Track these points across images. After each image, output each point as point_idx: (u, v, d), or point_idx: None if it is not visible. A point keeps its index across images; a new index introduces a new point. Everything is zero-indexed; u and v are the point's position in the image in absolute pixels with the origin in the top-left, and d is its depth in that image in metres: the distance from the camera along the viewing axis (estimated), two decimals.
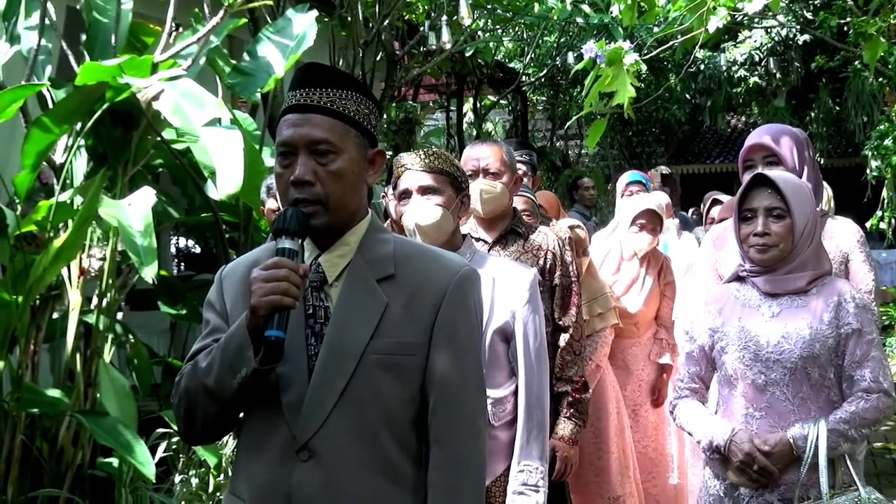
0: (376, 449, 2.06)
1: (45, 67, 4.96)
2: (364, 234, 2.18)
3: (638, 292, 5.39)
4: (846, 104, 18.67)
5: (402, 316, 2.10)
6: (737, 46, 18.61)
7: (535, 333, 3.26)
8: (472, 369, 2.16)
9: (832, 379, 3.07)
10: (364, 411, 2.05)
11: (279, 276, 2.00)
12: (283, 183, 2.12)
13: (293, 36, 5.82)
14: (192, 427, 2.17)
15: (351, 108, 2.13)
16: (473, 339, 2.17)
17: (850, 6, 9.81)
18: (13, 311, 4.39)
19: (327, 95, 2.12)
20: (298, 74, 2.17)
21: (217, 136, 4.46)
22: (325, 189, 2.09)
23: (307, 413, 2.05)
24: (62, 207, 4.55)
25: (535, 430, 3.21)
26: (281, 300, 1.99)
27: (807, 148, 3.64)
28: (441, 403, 2.09)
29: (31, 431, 4.66)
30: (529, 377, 3.23)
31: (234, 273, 2.24)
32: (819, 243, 3.19)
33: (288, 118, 2.13)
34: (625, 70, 4.33)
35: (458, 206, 3.27)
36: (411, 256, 2.18)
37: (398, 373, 2.08)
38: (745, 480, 3.05)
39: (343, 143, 2.11)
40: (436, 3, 10.16)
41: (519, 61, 16.88)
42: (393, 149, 12.26)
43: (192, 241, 13.24)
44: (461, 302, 2.14)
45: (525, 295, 3.27)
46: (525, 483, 3.17)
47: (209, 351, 2.11)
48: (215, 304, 2.23)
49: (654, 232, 5.42)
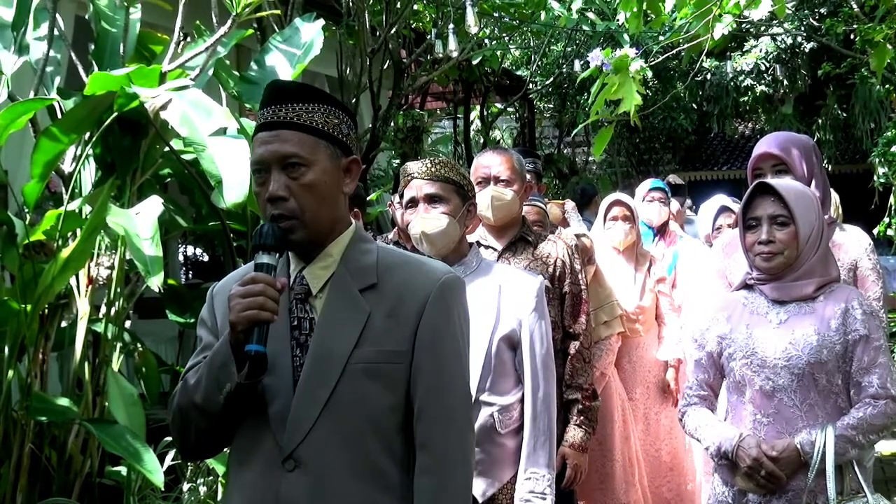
0: (363, 456, 2.08)
1: (54, 77, 4.98)
2: (347, 245, 2.20)
3: (629, 288, 5.38)
4: (853, 111, 18.65)
5: (385, 324, 2.12)
6: (743, 56, 18.59)
7: (541, 341, 3.26)
8: (457, 375, 2.17)
9: (840, 385, 3.07)
10: (349, 419, 2.07)
11: (255, 290, 2.03)
12: (261, 200, 2.14)
13: (300, 44, 5.84)
14: (187, 442, 2.21)
15: (319, 121, 2.15)
16: (457, 345, 2.18)
17: (856, 13, 9.81)
18: (22, 319, 4.40)
19: (293, 110, 2.14)
20: (266, 93, 2.19)
21: (224, 145, 4.48)
22: (299, 202, 2.11)
23: (293, 423, 2.07)
24: (71, 216, 4.56)
25: (541, 437, 3.21)
26: (258, 315, 2.02)
27: (815, 156, 3.64)
28: (426, 409, 2.11)
29: (39, 440, 4.66)
30: (536, 385, 3.23)
31: (223, 290, 2.26)
32: (826, 250, 3.19)
33: (258, 136, 2.15)
34: (631, 77, 4.33)
35: (464, 214, 3.28)
36: (394, 265, 2.19)
37: (383, 381, 2.10)
38: (753, 486, 3.05)
39: (313, 155, 2.12)
40: (443, 11, 10.17)
41: (526, 69, 16.89)
42: (400, 156, 12.26)
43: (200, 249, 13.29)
44: (443, 308, 2.16)
45: (532, 303, 3.27)
46: (532, 490, 3.17)
47: (198, 368, 2.14)
48: (207, 321, 2.27)
49: (627, 220, 5.43)
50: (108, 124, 4.67)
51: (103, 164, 5.06)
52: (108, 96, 4.56)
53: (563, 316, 3.89)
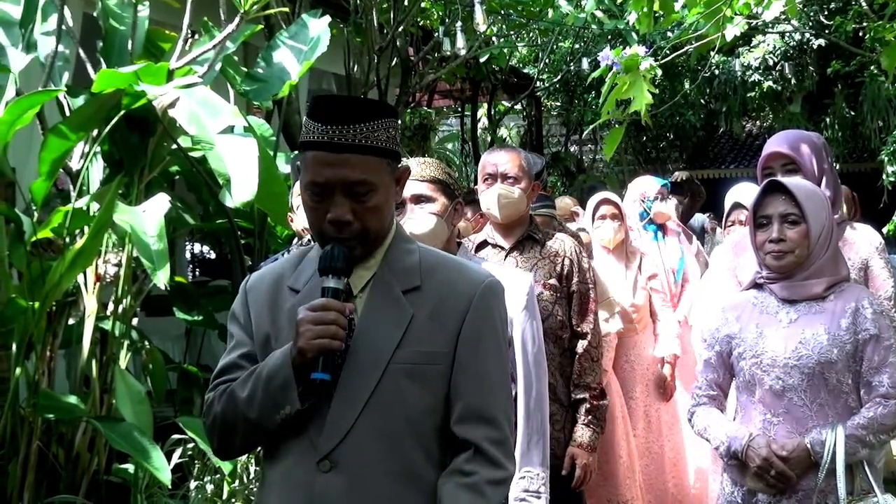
0: (401, 458, 2.06)
1: (62, 74, 4.98)
2: (389, 246, 2.18)
3: (621, 286, 5.38)
4: (861, 109, 18.60)
5: (427, 326, 2.11)
6: (751, 51, 18.54)
7: (532, 340, 3.23)
8: (499, 377, 2.17)
9: (850, 385, 3.05)
10: (389, 421, 2.06)
11: (328, 319, 2.01)
12: (317, 218, 2.10)
13: (308, 41, 5.84)
14: (229, 448, 2.20)
15: (382, 139, 2.09)
16: (499, 348, 2.18)
17: (865, 11, 9.77)
18: (30, 317, 4.40)
19: (360, 132, 2.06)
20: (322, 107, 2.11)
21: (232, 143, 4.48)
22: (365, 225, 2.09)
23: (331, 423, 2.06)
24: (78, 214, 4.56)
25: (535, 436, 3.19)
26: (329, 344, 2.01)
27: (826, 154, 3.62)
28: (469, 411, 2.10)
29: (47, 437, 4.67)
30: (528, 383, 3.20)
31: (258, 285, 2.24)
32: (836, 249, 3.18)
33: (319, 156, 2.07)
34: (641, 77, 4.31)
35: (451, 213, 3.26)
36: (436, 267, 2.18)
37: (423, 382, 2.09)
38: (763, 486, 3.04)
39: (379, 178, 2.09)
40: (450, 8, 10.17)
41: (533, 67, 16.87)
42: (408, 154, 12.25)
43: (207, 247, 13.28)
44: (486, 312, 2.15)
45: (522, 301, 3.23)
46: (527, 490, 3.15)
47: (246, 378, 2.11)
48: (240, 317, 2.23)
49: (615, 218, 5.43)
50: (116, 122, 4.67)
51: (111, 161, 5.07)
52: (116, 94, 4.56)
53: (570, 315, 3.88)
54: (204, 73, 5.01)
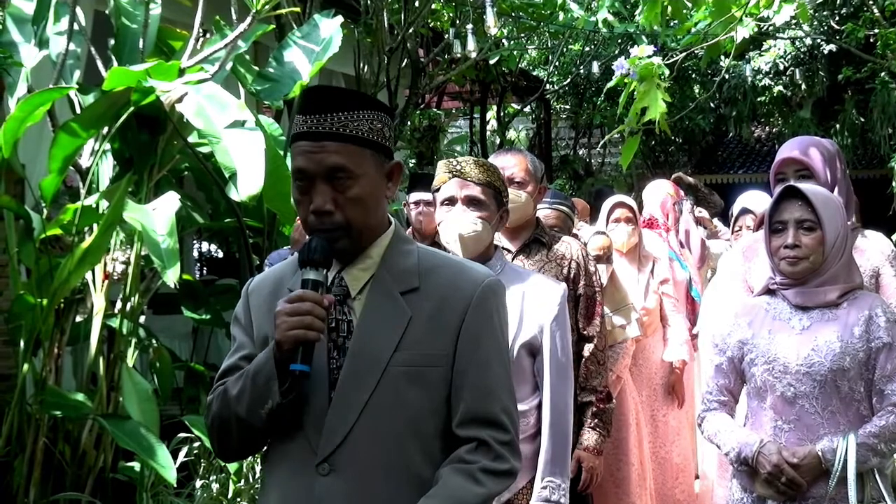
0: (401, 460, 2.05)
1: (74, 72, 4.98)
2: (387, 246, 2.16)
3: (633, 290, 5.36)
4: (871, 115, 18.54)
5: (426, 327, 2.09)
6: (761, 55, 18.50)
7: (562, 349, 3.24)
8: (500, 377, 2.14)
9: (862, 392, 3.04)
10: (388, 424, 2.05)
11: (303, 309, 2.00)
12: (303, 210, 2.10)
13: (319, 41, 5.84)
14: (228, 449, 2.20)
15: (364, 129, 2.08)
16: (500, 348, 2.16)
17: (877, 17, 9.76)
18: (37, 314, 4.41)
19: (339, 119, 2.06)
20: (306, 98, 2.12)
21: (239, 137, 4.48)
22: (346, 215, 2.07)
23: (329, 427, 2.04)
24: (88, 211, 4.57)
25: (559, 445, 3.20)
26: (305, 334, 1.99)
27: (839, 160, 3.60)
28: (470, 413, 2.08)
29: (53, 434, 4.67)
30: (555, 392, 3.21)
31: (260, 288, 2.24)
32: (850, 256, 3.16)
33: (300, 145, 2.08)
34: (656, 85, 4.29)
35: (497, 220, 3.27)
36: (435, 268, 2.16)
37: (423, 384, 2.07)
38: (773, 493, 3.03)
39: (360, 167, 2.07)
40: (461, 10, 10.16)
41: (543, 69, 16.84)
42: (416, 156, 12.25)
43: (214, 245, 13.31)
44: (486, 312, 2.13)
45: (554, 310, 3.25)
46: (548, 500, 3.16)
47: (238, 377, 2.11)
48: (241, 320, 2.23)
49: (630, 222, 5.42)
50: (126, 120, 4.67)
51: (121, 159, 5.07)
52: (127, 91, 4.57)
53: (577, 318, 3.87)
54: (215, 72, 5.01)
